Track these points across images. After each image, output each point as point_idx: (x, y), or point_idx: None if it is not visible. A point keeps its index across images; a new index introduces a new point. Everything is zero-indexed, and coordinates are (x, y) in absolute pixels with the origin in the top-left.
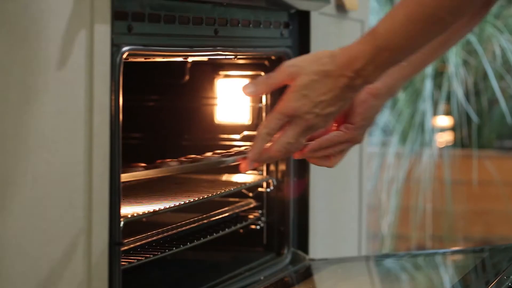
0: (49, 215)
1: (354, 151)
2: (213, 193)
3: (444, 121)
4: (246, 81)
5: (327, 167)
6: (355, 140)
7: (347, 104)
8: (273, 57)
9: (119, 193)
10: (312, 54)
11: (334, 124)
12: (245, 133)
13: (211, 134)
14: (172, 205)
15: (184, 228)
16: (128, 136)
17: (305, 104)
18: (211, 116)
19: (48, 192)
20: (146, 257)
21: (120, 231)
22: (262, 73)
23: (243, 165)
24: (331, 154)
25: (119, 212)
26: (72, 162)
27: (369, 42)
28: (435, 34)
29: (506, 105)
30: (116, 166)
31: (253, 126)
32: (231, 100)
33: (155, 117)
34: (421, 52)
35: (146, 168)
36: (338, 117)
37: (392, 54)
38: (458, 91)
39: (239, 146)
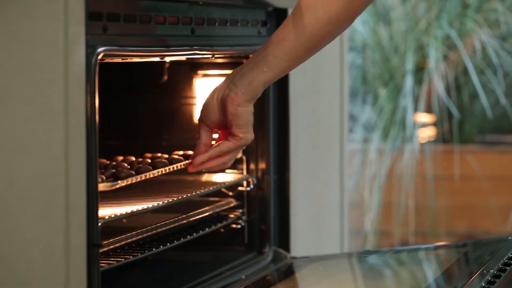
0: (26, 217)
1: (334, 148)
2: (193, 192)
3: (425, 116)
4: None
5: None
6: (244, 144)
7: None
8: (251, 55)
9: (96, 194)
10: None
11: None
12: None
13: (190, 134)
14: (151, 206)
15: (164, 228)
16: (107, 136)
17: (252, 132)
18: (190, 116)
19: (25, 195)
20: (125, 258)
21: (98, 232)
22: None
23: (190, 168)
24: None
25: (97, 214)
26: (49, 164)
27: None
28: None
29: (487, 99)
30: (93, 168)
31: None
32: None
33: (134, 118)
34: (285, 59)
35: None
36: (223, 129)
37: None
38: (439, 86)
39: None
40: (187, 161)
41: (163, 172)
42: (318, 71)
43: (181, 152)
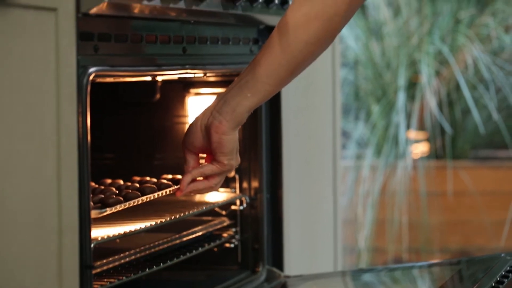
0: (19, 239)
1: (327, 165)
2: (186, 212)
3: (418, 132)
4: None
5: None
6: (229, 170)
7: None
8: (236, 78)
9: (89, 215)
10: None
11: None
12: None
13: (182, 153)
14: (144, 226)
15: (158, 248)
16: (99, 156)
17: (237, 158)
18: (182, 135)
19: (17, 216)
20: (119, 279)
21: (91, 254)
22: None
23: (178, 193)
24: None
25: (90, 235)
26: (41, 185)
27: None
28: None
29: (480, 115)
30: (85, 188)
31: None
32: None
33: (126, 137)
34: (267, 83)
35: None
36: (208, 154)
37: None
38: (431, 102)
39: None
40: (175, 187)
41: (151, 198)
42: (310, 88)
43: (169, 176)
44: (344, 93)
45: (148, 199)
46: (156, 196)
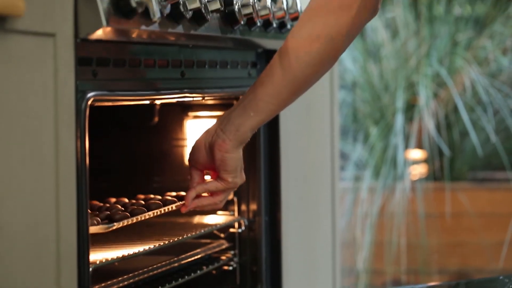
0: (17, 264)
1: (326, 187)
2: (185, 235)
3: (416, 154)
4: (215, 121)
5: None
6: (233, 188)
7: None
8: (241, 97)
9: (87, 239)
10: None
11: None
12: None
13: (181, 176)
14: (143, 250)
15: (156, 271)
16: (98, 179)
17: (242, 175)
18: (181, 158)
19: (16, 241)
20: None
21: (89, 277)
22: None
23: (182, 208)
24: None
25: (88, 259)
26: (39, 210)
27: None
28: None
29: (477, 137)
30: (84, 213)
31: None
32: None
33: (125, 160)
34: (271, 103)
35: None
36: (212, 170)
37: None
38: (429, 124)
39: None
40: (180, 202)
41: (158, 213)
42: (308, 110)
43: (173, 193)
44: (342, 115)
45: (154, 215)
46: (162, 212)
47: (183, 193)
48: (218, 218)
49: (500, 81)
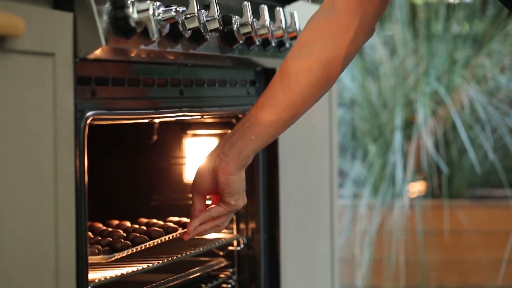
0: (15, 283)
1: (324, 204)
2: (184, 253)
3: (414, 171)
4: (214, 139)
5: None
6: (235, 210)
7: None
8: (240, 115)
9: (86, 258)
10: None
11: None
12: None
13: (180, 194)
14: (141, 268)
15: None
16: (97, 197)
17: (244, 197)
18: (180, 176)
19: (15, 260)
20: None
21: None
22: (230, 131)
23: (185, 236)
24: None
25: (87, 278)
26: (38, 230)
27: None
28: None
29: (476, 154)
30: (83, 232)
31: None
32: (200, 158)
33: (124, 178)
34: (271, 126)
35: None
36: (215, 195)
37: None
38: (428, 141)
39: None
40: (181, 230)
41: (159, 242)
42: (307, 128)
43: (175, 219)
44: (341, 132)
45: (155, 244)
46: (163, 240)
47: (185, 220)
48: (217, 236)
49: (498, 99)
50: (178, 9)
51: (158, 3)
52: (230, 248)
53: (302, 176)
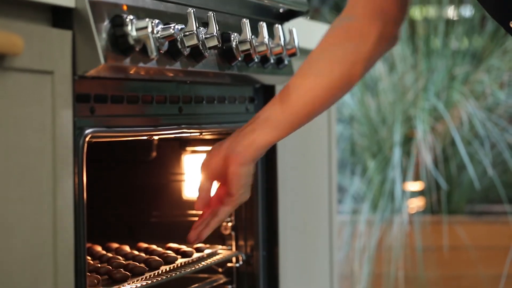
0: None
1: (323, 220)
2: (183, 270)
3: (414, 187)
4: None
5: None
6: (240, 203)
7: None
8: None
9: (84, 275)
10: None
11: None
12: None
13: (179, 210)
14: (140, 285)
15: None
16: (96, 214)
17: (248, 192)
18: (179, 192)
19: (13, 278)
20: None
21: None
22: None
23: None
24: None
25: None
26: (37, 247)
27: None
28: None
29: (475, 170)
30: (81, 249)
31: None
32: (199, 175)
33: (123, 194)
34: (288, 121)
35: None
36: (222, 181)
37: None
38: (427, 157)
39: None
40: (181, 260)
41: (159, 273)
42: (306, 143)
43: (175, 245)
44: (340, 148)
45: (155, 275)
46: (163, 271)
47: (184, 248)
48: (216, 253)
49: (497, 115)
50: (176, 26)
51: (156, 21)
52: (229, 264)
53: (301, 192)
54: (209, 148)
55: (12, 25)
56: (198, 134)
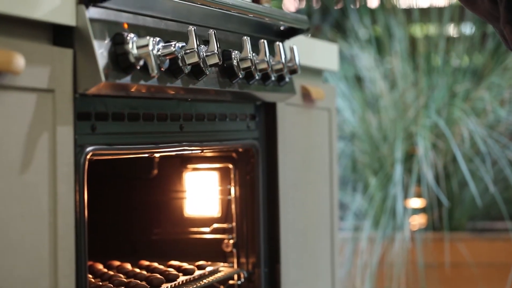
0: None
1: (325, 237)
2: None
3: (415, 204)
4: (215, 173)
5: None
6: None
7: None
8: (240, 149)
9: None
10: None
11: None
12: (215, 225)
13: (180, 228)
14: None
15: None
16: (97, 231)
17: None
18: (180, 210)
19: None
20: None
21: None
22: (230, 165)
23: None
24: None
25: None
26: (38, 265)
27: None
28: None
29: (476, 187)
30: (83, 267)
31: (223, 219)
32: (200, 193)
33: (124, 212)
34: None
35: None
36: None
37: None
38: (428, 174)
39: (209, 239)
40: (182, 278)
41: None
42: (308, 160)
43: (176, 263)
44: (342, 165)
45: None
46: None
47: (186, 265)
48: (218, 271)
49: (498, 132)
50: (177, 44)
51: (157, 39)
52: (231, 282)
53: (303, 210)
54: (210, 165)
55: (13, 43)
56: (200, 151)
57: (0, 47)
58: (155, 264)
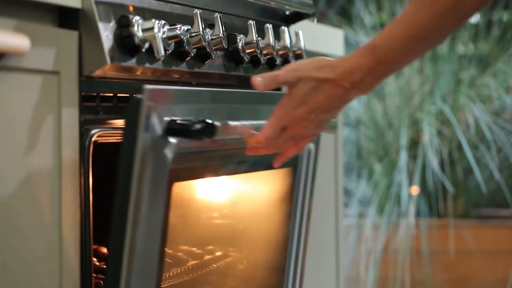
0: None
1: (330, 223)
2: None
3: (420, 191)
4: None
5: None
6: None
7: (339, 112)
8: None
9: (91, 277)
10: (314, 60)
11: None
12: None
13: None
14: None
15: None
16: (102, 214)
17: (303, 111)
18: None
19: (18, 278)
20: None
21: None
22: None
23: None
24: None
25: None
26: (42, 247)
27: (368, 56)
28: (430, 49)
29: (481, 174)
30: (87, 250)
31: None
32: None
33: None
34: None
35: None
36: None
37: (388, 68)
38: (433, 161)
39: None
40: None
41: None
42: None
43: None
44: (346, 152)
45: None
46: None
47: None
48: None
49: (503, 119)
50: (183, 27)
51: (163, 22)
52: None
53: None
54: None
55: (19, 25)
56: None
57: (6, 28)
58: None
